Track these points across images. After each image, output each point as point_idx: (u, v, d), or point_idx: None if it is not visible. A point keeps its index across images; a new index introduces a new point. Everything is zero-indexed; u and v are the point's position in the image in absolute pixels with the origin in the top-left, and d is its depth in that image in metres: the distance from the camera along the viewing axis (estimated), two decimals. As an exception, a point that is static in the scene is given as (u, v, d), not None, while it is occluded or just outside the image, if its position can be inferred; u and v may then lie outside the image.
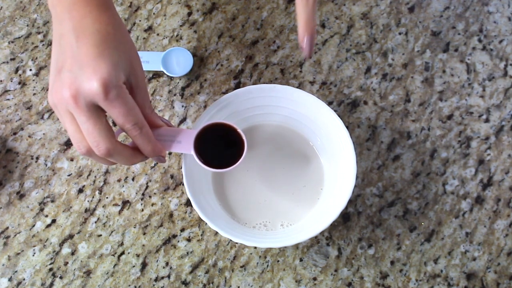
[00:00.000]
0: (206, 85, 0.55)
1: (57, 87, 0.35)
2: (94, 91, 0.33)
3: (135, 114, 0.36)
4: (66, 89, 0.33)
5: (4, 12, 0.59)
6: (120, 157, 0.36)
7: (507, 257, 0.50)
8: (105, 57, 0.34)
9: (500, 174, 0.52)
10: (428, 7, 0.58)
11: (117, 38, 0.36)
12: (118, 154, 0.36)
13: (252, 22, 0.58)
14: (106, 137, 0.35)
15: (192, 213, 0.51)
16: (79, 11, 0.35)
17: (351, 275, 0.49)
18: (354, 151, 0.44)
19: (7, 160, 0.53)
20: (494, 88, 0.55)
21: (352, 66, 0.56)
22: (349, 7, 0.58)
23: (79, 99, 0.33)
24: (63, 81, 0.34)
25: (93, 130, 0.34)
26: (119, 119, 0.35)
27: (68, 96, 0.33)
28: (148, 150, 0.38)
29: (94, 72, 0.33)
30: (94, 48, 0.34)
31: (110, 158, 0.36)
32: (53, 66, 0.36)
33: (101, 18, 0.36)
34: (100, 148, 0.35)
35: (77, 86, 0.33)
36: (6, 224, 0.50)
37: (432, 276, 0.49)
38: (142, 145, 0.37)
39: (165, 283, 0.49)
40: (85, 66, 0.34)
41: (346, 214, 0.51)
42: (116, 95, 0.34)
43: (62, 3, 0.36)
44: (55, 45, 0.36)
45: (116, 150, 0.36)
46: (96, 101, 0.34)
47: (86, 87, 0.33)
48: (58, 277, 0.49)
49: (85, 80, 0.33)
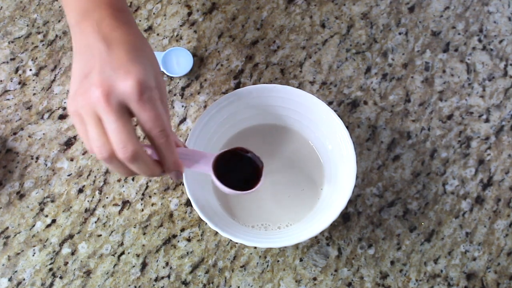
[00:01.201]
0: (206, 85, 0.55)
1: (84, 89, 0.34)
2: (129, 90, 0.32)
3: (165, 120, 0.35)
4: (97, 88, 0.33)
5: (4, 12, 0.59)
6: (143, 164, 0.35)
7: (507, 257, 0.50)
8: (137, 63, 0.34)
9: (500, 174, 0.52)
10: (428, 7, 0.58)
11: (145, 50, 0.37)
12: (142, 159, 0.35)
13: (252, 22, 0.58)
14: (134, 139, 0.34)
15: (192, 213, 0.51)
16: (109, 25, 0.36)
17: (351, 275, 0.49)
18: (354, 151, 0.44)
19: (7, 160, 0.53)
20: (494, 88, 0.55)
21: (352, 66, 0.56)
22: (349, 7, 0.58)
23: (111, 98, 0.33)
24: (92, 82, 0.33)
25: (122, 130, 0.33)
26: (148, 123, 0.34)
27: (99, 95, 0.32)
28: (171, 161, 0.37)
29: (129, 72, 0.33)
30: (126, 54, 0.34)
31: (133, 164, 0.35)
32: (77, 73, 0.35)
33: (130, 32, 0.37)
34: (128, 150, 0.33)
35: (110, 85, 0.33)
36: (6, 224, 0.50)
37: (432, 276, 0.49)
38: (166, 154, 0.36)
39: (165, 283, 0.49)
40: (118, 68, 0.33)
41: (346, 214, 0.51)
42: (149, 97, 0.33)
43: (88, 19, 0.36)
44: (80, 55, 0.36)
45: (142, 155, 0.34)
46: (128, 101, 0.33)
47: (120, 85, 0.33)
48: (58, 277, 0.49)
49: (119, 79, 0.33)
